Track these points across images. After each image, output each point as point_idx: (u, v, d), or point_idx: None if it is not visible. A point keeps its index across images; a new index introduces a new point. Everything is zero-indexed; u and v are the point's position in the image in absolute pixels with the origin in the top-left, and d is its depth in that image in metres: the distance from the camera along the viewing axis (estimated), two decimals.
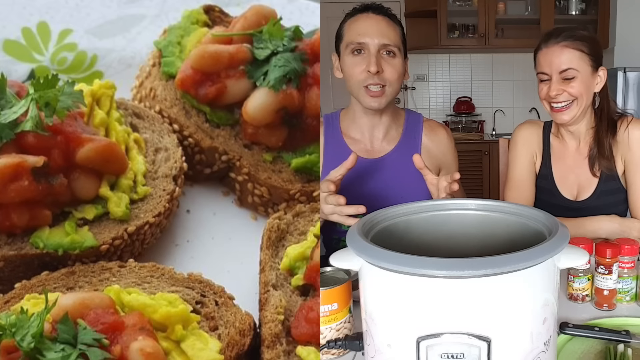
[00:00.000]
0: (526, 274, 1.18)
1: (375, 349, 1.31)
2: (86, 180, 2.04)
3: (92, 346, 1.61)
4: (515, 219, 1.49)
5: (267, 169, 2.29)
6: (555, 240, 1.25)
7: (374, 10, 2.46)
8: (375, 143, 2.58)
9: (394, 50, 2.42)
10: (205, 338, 1.81)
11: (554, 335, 1.32)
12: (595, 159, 2.56)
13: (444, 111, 7.14)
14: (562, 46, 2.47)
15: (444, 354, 1.21)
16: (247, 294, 2.04)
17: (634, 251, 1.97)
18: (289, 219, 2.13)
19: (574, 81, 2.45)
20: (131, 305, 1.80)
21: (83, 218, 2.04)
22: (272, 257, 2.03)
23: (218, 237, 2.27)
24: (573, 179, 2.65)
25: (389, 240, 1.39)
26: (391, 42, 2.42)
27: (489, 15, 6.60)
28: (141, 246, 2.12)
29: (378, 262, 1.23)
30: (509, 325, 1.21)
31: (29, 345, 1.56)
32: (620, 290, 1.98)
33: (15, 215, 1.93)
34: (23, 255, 1.95)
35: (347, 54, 2.45)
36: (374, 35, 2.40)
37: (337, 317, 1.67)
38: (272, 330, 1.84)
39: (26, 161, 1.90)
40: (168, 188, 2.18)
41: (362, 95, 2.43)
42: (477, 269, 1.14)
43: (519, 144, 2.75)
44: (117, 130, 2.19)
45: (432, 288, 1.18)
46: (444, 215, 1.57)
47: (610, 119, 2.56)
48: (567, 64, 2.46)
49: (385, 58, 2.41)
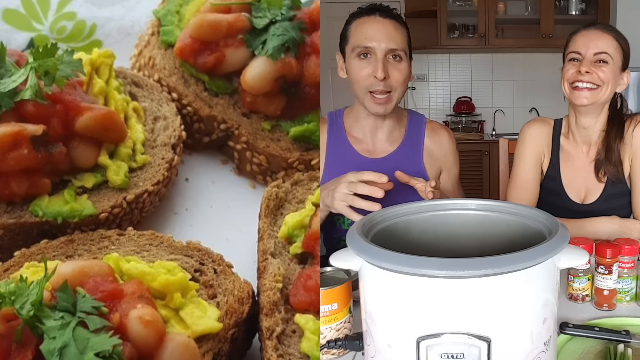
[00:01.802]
0: (526, 274, 1.16)
1: (375, 349, 1.29)
2: (85, 149, 2.02)
3: (91, 314, 1.58)
4: (515, 219, 1.47)
5: (265, 137, 2.27)
6: (555, 240, 1.23)
7: (381, 13, 2.38)
8: (377, 143, 2.54)
9: (400, 55, 2.36)
10: (203, 306, 1.80)
11: (554, 335, 1.30)
12: (601, 164, 2.51)
13: (444, 111, 7.05)
14: (603, 32, 2.43)
15: (444, 354, 1.19)
16: (246, 262, 2.03)
17: (634, 251, 1.95)
18: (287, 188, 2.11)
19: (606, 66, 2.40)
20: (130, 273, 1.79)
21: (82, 186, 2.02)
22: (271, 225, 2.01)
23: (217, 205, 2.27)
24: (581, 182, 2.59)
25: (389, 240, 1.38)
26: (398, 47, 2.35)
27: (489, 15, 6.52)
28: (140, 214, 2.11)
29: (378, 262, 1.21)
30: (509, 325, 1.19)
31: (28, 313, 1.53)
32: (620, 290, 1.96)
33: (15, 183, 1.92)
34: (22, 223, 1.94)
35: (353, 57, 2.38)
36: (381, 39, 2.33)
37: (337, 317, 1.65)
38: (270, 298, 1.82)
39: (25, 130, 1.88)
40: (167, 156, 2.16)
41: (368, 100, 2.37)
42: (477, 269, 1.13)
43: (527, 143, 2.67)
44: (116, 99, 2.17)
45: (432, 288, 1.16)
46: (444, 215, 1.55)
47: (621, 121, 2.52)
48: (605, 47, 2.40)
49: (391, 63, 2.35)
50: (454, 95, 7.06)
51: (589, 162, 2.55)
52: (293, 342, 1.78)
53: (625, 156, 2.50)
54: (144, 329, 1.59)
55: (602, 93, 2.41)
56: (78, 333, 1.53)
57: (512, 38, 6.65)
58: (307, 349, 1.75)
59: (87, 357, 1.50)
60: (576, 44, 2.45)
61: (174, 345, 1.62)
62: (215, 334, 1.76)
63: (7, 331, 1.55)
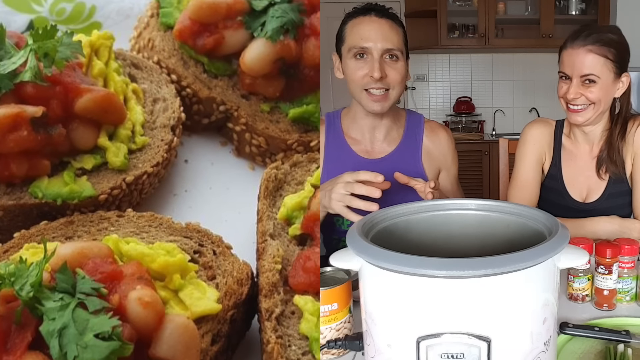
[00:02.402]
0: (526, 274, 1.16)
1: (375, 349, 1.29)
2: (85, 131, 2.01)
3: (91, 295, 1.58)
4: (515, 219, 1.46)
5: (264, 119, 2.27)
6: (555, 240, 1.22)
7: (376, 13, 2.36)
8: (375, 144, 2.52)
9: (397, 54, 2.34)
10: (203, 287, 1.79)
11: (554, 335, 1.30)
12: (603, 162, 2.49)
13: (444, 111, 7.02)
14: (587, 50, 2.36)
15: (444, 354, 1.19)
16: (245, 244, 2.03)
17: (634, 251, 1.94)
18: (286, 169, 2.11)
19: (594, 86, 2.36)
20: (129, 254, 1.78)
21: (82, 168, 2.02)
22: (270, 206, 2.00)
23: (216, 187, 2.26)
24: (583, 180, 2.57)
25: (389, 240, 1.37)
26: (394, 46, 2.33)
27: (489, 15, 6.48)
28: (139, 196, 2.11)
29: (378, 262, 1.21)
30: (509, 325, 1.19)
31: (28, 295, 1.53)
32: (620, 290, 1.95)
33: (14, 165, 1.91)
34: (22, 204, 1.93)
35: (350, 58, 2.36)
36: (377, 39, 2.32)
37: (337, 317, 1.64)
38: (269, 279, 1.81)
39: (25, 111, 1.87)
40: (166, 138, 2.15)
41: (364, 98, 2.36)
42: (477, 269, 1.12)
43: (528, 143, 2.65)
44: (116, 81, 2.16)
45: (432, 288, 1.16)
46: (444, 215, 1.54)
47: (624, 121, 2.50)
48: (589, 69, 2.36)
49: (388, 62, 2.33)
50: (454, 95, 7.04)
51: (591, 161, 2.54)
52: (292, 323, 1.77)
53: (627, 155, 2.48)
54: (144, 310, 1.58)
55: (594, 110, 2.40)
56: (77, 314, 1.53)
57: (512, 38, 6.63)
58: (306, 330, 1.74)
59: (87, 338, 1.49)
60: (563, 63, 2.42)
61: (173, 326, 1.61)
62: (214, 315, 1.76)
63: (6, 312, 1.54)
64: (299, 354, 1.72)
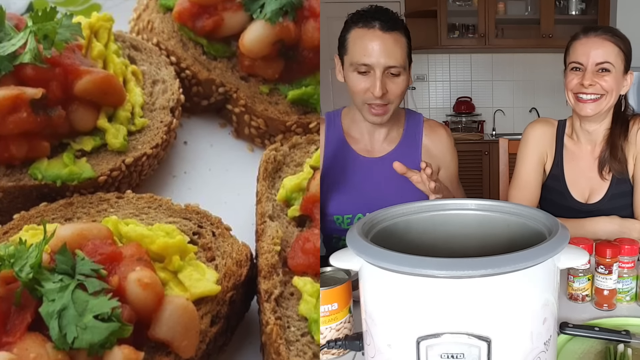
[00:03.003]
0: (526, 274, 1.15)
1: (375, 349, 1.28)
2: (84, 112, 2.01)
3: (90, 277, 1.57)
4: (515, 219, 1.45)
5: (263, 100, 2.26)
6: (555, 240, 1.21)
7: (381, 26, 2.29)
8: (375, 143, 2.51)
9: (399, 71, 2.31)
10: (202, 269, 1.79)
11: (554, 335, 1.29)
12: (606, 161, 2.47)
13: (444, 111, 6.97)
14: (603, 39, 2.37)
15: (444, 354, 1.18)
16: (244, 225, 2.02)
17: (634, 251, 1.92)
18: (285, 151, 2.10)
19: (608, 75, 2.35)
20: (129, 236, 1.77)
21: (81, 149, 2.01)
22: (269, 188, 2.00)
23: (215, 168, 2.26)
24: (585, 181, 2.55)
25: (389, 240, 1.36)
26: (397, 63, 2.30)
27: (489, 15, 6.44)
28: (139, 177, 2.10)
29: (378, 262, 1.20)
30: (509, 325, 1.18)
31: (28, 276, 1.53)
32: (620, 290, 1.94)
33: (14, 146, 1.90)
34: (22, 186, 1.93)
35: (352, 71, 2.33)
36: (380, 56, 2.28)
37: (337, 317, 1.63)
38: (268, 260, 1.81)
39: (25, 93, 1.87)
40: (165, 120, 2.15)
41: (365, 111, 2.34)
42: (477, 269, 1.11)
43: (530, 143, 2.63)
44: (115, 63, 2.15)
45: (432, 288, 1.15)
46: (444, 215, 1.53)
47: (625, 120, 2.49)
48: (606, 57, 2.35)
49: (390, 78, 2.30)
50: (454, 95, 7.00)
51: (593, 161, 2.52)
52: (291, 304, 1.77)
53: (629, 155, 2.46)
54: (143, 291, 1.58)
55: (606, 102, 2.38)
56: (77, 295, 1.53)
57: (512, 38, 6.59)
58: (305, 311, 1.74)
59: (86, 320, 1.49)
60: (576, 53, 2.40)
61: (173, 307, 1.61)
62: (213, 297, 1.75)
63: (6, 294, 1.54)
64: (298, 335, 1.72)
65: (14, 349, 1.48)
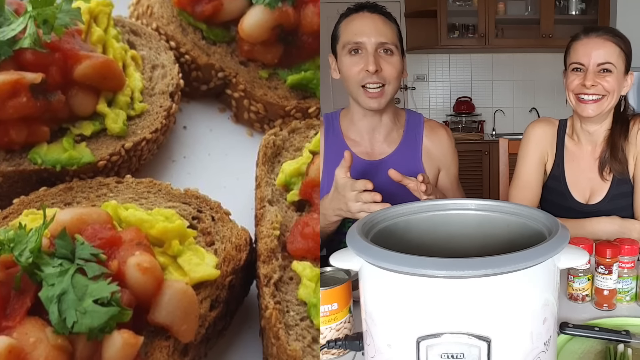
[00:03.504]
0: (526, 274, 1.14)
1: (375, 349, 1.27)
2: (84, 97, 2.00)
3: (90, 261, 1.57)
4: (515, 219, 1.44)
5: (262, 85, 2.26)
6: (555, 240, 1.20)
7: (369, 9, 2.32)
8: (375, 145, 2.47)
9: (391, 48, 2.29)
10: (201, 253, 1.78)
11: (554, 335, 1.28)
12: (606, 162, 2.44)
13: (444, 111, 6.92)
14: (604, 39, 2.34)
15: (444, 354, 1.17)
16: (243, 210, 2.02)
17: (634, 251, 1.91)
18: (284, 135, 2.09)
19: (610, 76, 2.33)
20: (128, 220, 1.77)
21: (81, 134, 2.01)
22: (268, 173, 1.99)
23: (214, 153, 2.26)
24: (585, 182, 2.53)
25: (389, 240, 1.35)
26: (388, 40, 2.29)
27: (489, 15, 6.38)
28: (138, 162, 2.10)
29: (378, 262, 1.19)
30: (509, 325, 1.17)
31: (27, 260, 1.52)
32: (620, 290, 1.92)
33: (14, 131, 1.90)
34: (21, 171, 1.92)
35: (345, 55, 2.32)
36: (371, 33, 2.27)
37: (337, 317, 1.62)
38: (267, 245, 1.80)
39: (24, 78, 1.86)
40: (165, 104, 2.14)
41: (361, 95, 2.31)
42: (477, 269, 1.10)
43: (531, 143, 2.61)
44: (115, 48, 2.15)
45: (432, 288, 1.14)
46: (444, 215, 1.52)
47: (625, 120, 2.47)
48: (607, 57, 2.33)
49: (383, 56, 2.28)
50: (454, 95, 6.94)
51: (594, 162, 2.50)
52: (290, 289, 1.76)
53: (630, 156, 2.44)
54: (142, 276, 1.58)
55: (607, 102, 2.36)
56: (77, 280, 1.52)
57: (512, 38, 6.53)
58: (304, 295, 1.73)
59: (86, 304, 1.48)
60: (578, 53, 2.38)
61: (172, 292, 1.61)
62: (213, 281, 1.75)
63: (6, 278, 1.53)
64: (297, 319, 1.71)
65: (13, 333, 1.48)
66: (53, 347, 1.47)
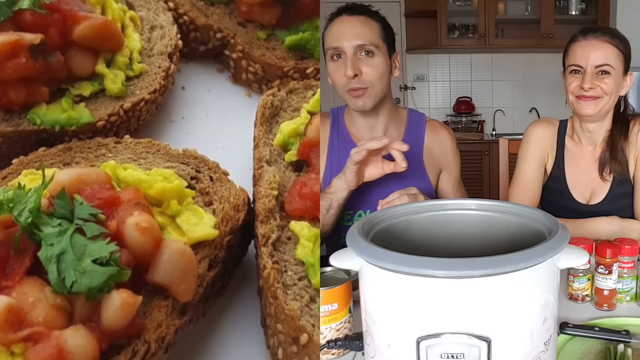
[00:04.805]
0: (526, 274, 1.12)
1: (375, 349, 1.26)
2: (83, 58, 1.99)
3: (89, 221, 1.55)
4: (515, 219, 1.43)
5: (261, 46, 2.24)
6: (555, 240, 1.19)
7: (347, 12, 2.25)
8: None
9: (371, 50, 2.22)
10: (200, 213, 1.77)
11: (554, 335, 1.26)
12: (606, 163, 2.42)
13: (444, 111, 6.86)
14: (602, 40, 2.31)
15: (444, 354, 1.16)
16: (241, 170, 2.00)
17: (634, 251, 1.89)
18: (282, 96, 2.08)
19: (608, 77, 2.30)
20: (127, 180, 1.76)
21: (80, 95, 2.00)
22: (266, 133, 1.97)
23: (213, 113, 2.24)
24: (586, 182, 2.50)
25: (389, 240, 1.33)
26: (366, 42, 2.21)
27: (489, 15, 6.31)
28: (137, 122, 2.08)
29: (378, 262, 1.17)
30: (509, 325, 1.16)
31: (26, 220, 1.51)
32: (620, 290, 1.90)
33: (13, 92, 1.89)
34: (20, 131, 1.91)
35: (329, 60, 2.27)
36: (348, 37, 2.20)
37: (337, 317, 1.60)
38: (265, 205, 1.78)
39: (23, 39, 1.85)
40: (163, 65, 2.13)
41: (348, 98, 2.26)
42: (477, 269, 1.09)
43: (531, 143, 2.58)
44: (113, 8, 2.13)
45: (432, 288, 1.12)
46: (444, 215, 1.51)
47: (625, 121, 2.44)
48: (605, 59, 2.30)
49: (363, 59, 2.21)
50: (454, 95, 6.89)
51: (594, 162, 2.47)
52: (288, 248, 1.75)
53: (630, 156, 2.41)
54: (141, 235, 1.56)
55: (605, 102, 2.32)
56: (75, 240, 1.51)
57: (512, 38, 6.47)
58: (302, 255, 1.72)
59: (85, 264, 1.47)
60: (576, 56, 2.35)
61: (171, 252, 1.59)
62: (211, 241, 1.74)
63: (5, 238, 1.52)
64: (295, 279, 1.70)
65: (12, 292, 1.47)
66: (52, 307, 1.46)
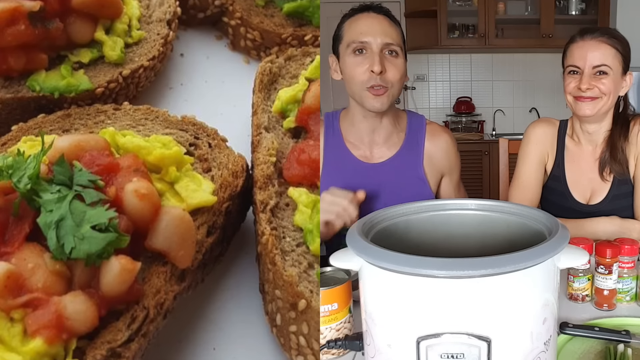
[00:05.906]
0: (526, 274, 1.11)
1: (375, 349, 1.25)
2: (82, 25, 1.98)
3: (88, 187, 1.55)
4: (515, 219, 1.42)
5: (259, 13, 2.23)
6: (555, 240, 1.18)
7: (374, 10, 2.20)
8: (375, 148, 2.33)
9: (396, 50, 2.17)
10: (198, 179, 1.76)
11: (554, 335, 1.26)
12: (606, 163, 2.38)
13: (444, 111, 6.80)
14: (599, 41, 2.28)
15: (444, 354, 1.15)
16: (240, 137, 1.99)
17: (634, 251, 1.87)
18: (280, 63, 2.06)
19: (605, 78, 2.27)
20: (126, 147, 1.74)
21: (79, 62, 1.99)
22: (265, 100, 1.96)
23: (211, 80, 2.24)
24: (586, 182, 2.47)
25: (389, 240, 1.32)
26: (394, 41, 2.16)
27: (489, 15, 6.23)
28: (136, 89, 2.08)
29: (378, 262, 1.16)
30: (509, 325, 1.15)
31: (26, 187, 1.50)
32: (620, 290, 1.88)
33: (12, 58, 1.88)
34: (20, 98, 1.90)
35: (348, 54, 2.18)
36: (377, 33, 2.14)
37: (337, 317, 1.58)
38: (264, 171, 1.77)
39: (23, 6, 1.84)
40: (162, 32, 2.12)
41: (366, 96, 2.16)
42: (477, 269, 1.08)
43: (531, 143, 2.54)
44: None
45: (432, 288, 1.12)
46: (444, 215, 1.50)
47: (625, 121, 2.41)
48: (602, 59, 2.27)
49: (388, 58, 2.15)
50: (454, 95, 6.82)
51: (594, 162, 2.44)
52: (286, 215, 1.74)
53: (630, 156, 2.39)
54: (140, 202, 1.55)
55: (603, 103, 2.29)
56: (75, 206, 1.50)
57: (512, 38, 6.39)
58: (300, 221, 1.71)
59: (84, 230, 1.46)
60: (573, 56, 2.32)
61: (169, 218, 1.58)
62: (209, 207, 1.73)
63: (4, 204, 1.51)
64: (293, 245, 1.69)
65: (12, 259, 1.46)
66: (51, 273, 1.46)
